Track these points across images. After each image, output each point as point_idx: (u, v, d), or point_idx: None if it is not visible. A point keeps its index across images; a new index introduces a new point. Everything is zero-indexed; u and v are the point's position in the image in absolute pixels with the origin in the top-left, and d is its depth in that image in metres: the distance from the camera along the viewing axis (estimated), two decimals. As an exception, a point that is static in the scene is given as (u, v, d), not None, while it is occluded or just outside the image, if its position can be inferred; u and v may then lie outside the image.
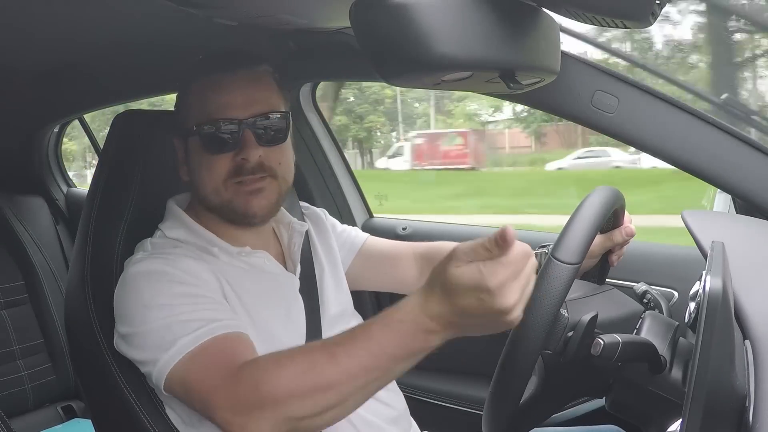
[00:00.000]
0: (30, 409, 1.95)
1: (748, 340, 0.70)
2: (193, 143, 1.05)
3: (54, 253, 2.20)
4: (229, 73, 1.03)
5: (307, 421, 0.82)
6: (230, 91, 1.03)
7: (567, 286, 0.79)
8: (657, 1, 0.77)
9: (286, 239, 1.17)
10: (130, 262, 1.03)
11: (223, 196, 1.04)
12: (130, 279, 1.00)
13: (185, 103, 1.08)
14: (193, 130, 1.03)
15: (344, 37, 1.23)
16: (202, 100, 1.04)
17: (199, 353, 0.90)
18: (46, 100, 1.89)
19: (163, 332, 0.93)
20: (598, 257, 1.11)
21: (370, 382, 0.80)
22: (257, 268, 1.09)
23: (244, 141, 1.02)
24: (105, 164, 1.17)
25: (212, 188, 1.04)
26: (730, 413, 0.63)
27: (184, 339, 0.91)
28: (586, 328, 0.83)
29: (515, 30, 0.83)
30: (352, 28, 0.80)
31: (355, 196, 1.89)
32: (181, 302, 0.95)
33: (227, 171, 1.03)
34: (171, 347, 0.91)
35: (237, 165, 1.03)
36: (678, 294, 1.32)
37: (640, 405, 0.87)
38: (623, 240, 1.10)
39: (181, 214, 1.10)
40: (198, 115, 1.03)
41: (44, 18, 1.14)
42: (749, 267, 0.81)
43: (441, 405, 1.61)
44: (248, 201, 1.04)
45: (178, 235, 1.07)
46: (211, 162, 1.03)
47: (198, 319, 0.93)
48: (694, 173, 1.08)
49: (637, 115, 1.09)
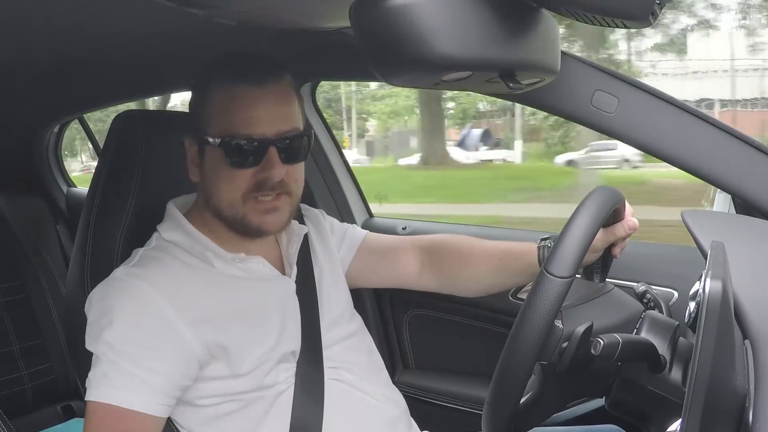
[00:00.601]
0: (30, 409, 1.95)
1: (748, 340, 0.70)
2: (213, 151, 1.03)
3: (54, 253, 2.19)
4: (258, 87, 1.01)
5: None
6: (257, 107, 1.01)
7: (560, 299, 0.79)
8: (657, 1, 0.77)
9: (285, 242, 1.17)
10: (123, 265, 1.04)
11: (238, 211, 1.03)
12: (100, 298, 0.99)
13: (205, 108, 1.04)
14: (215, 141, 1.01)
15: (344, 37, 1.22)
16: (228, 111, 1.01)
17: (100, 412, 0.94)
18: (46, 100, 1.89)
19: (103, 368, 0.95)
20: (600, 251, 1.11)
21: None
22: (252, 273, 1.09)
23: (268, 159, 1.01)
24: (105, 164, 1.17)
25: (229, 201, 1.03)
26: (730, 413, 0.63)
27: (98, 391, 0.94)
28: (581, 338, 0.83)
29: (515, 30, 0.83)
30: (352, 28, 0.80)
31: (355, 196, 1.89)
32: (129, 352, 0.95)
33: (247, 187, 1.02)
34: (93, 389, 0.95)
35: (258, 181, 1.02)
36: (678, 294, 1.32)
37: (640, 405, 0.87)
38: (626, 234, 1.09)
39: (179, 217, 1.09)
40: (222, 126, 1.01)
41: (43, 18, 1.14)
42: (749, 267, 0.81)
43: (441, 405, 1.61)
44: (263, 218, 1.04)
45: (175, 238, 1.07)
46: (232, 175, 1.02)
47: (126, 383, 0.94)
48: (694, 173, 1.08)
49: (637, 115, 1.09)
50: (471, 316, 1.58)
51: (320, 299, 1.16)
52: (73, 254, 1.17)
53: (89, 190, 1.18)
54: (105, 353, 0.95)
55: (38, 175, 2.41)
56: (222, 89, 1.02)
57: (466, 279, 1.27)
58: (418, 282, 1.30)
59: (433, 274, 1.29)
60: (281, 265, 1.15)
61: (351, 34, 0.87)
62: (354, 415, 1.09)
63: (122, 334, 0.95)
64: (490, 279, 1.25)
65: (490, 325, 1.56)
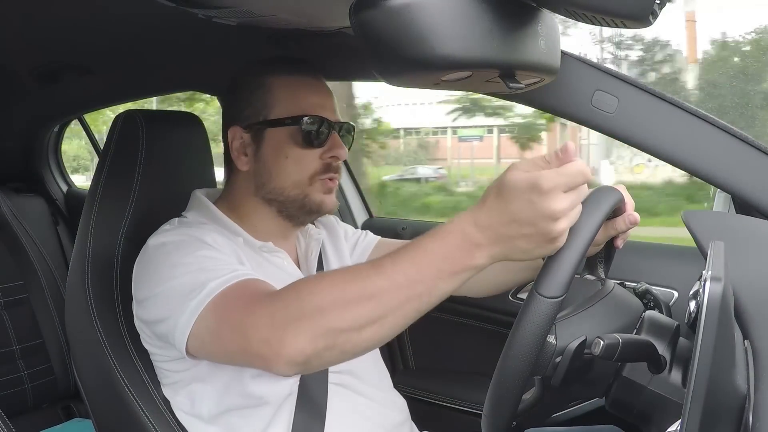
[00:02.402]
0: (30, 409, 1.95)
1: (748, 340, 0.70)
2: (276, 134, 1.08)
3: (54, 253, 2.20)
4: (315, 78, 1.13)
5: (345, 336, 0.78)
6: (321, 95, 1.12)
7: (550, 320, 0.78)
8: (657, 1, 0.77)
9: (303, 246, 1.18)
10: (157, 233, 1.04)
11: (303, 190, 1.08)
12: (158, 247, 1.00)
13: (265, 94, 1.09)
14: (284, 122, 1.07)
15: (344, 37, 1.22)
16: (296, 94, 1.09)
17: (231, 291, 0.89)
18: (46, 100, 1.89)
19: (191, 281, 0.92)
20: (602, 244, 1.10)
21: (412, 298, 0.75)
22: (276, 265, 1.10)
23: (335, 141, 1.09)
24: (105, 164, 1.17)
25: (295, 181, 1.08)
26: (730, 413, 0.63)
27: (213, 282, 0.90)
28: (574, 353, 0.82)
29: (515, 30, 0.83)
30: (352, 29, 0.80)
31: (355, 196, 1.89)
32: (207, 260, 0.95)
33: (314, 168, 1.08)
34: (201, 291, 0.89)
35: (325, 163, 1.09)
36: (678, 294, 1.32)
37: (640, 405, 0.87)
38: (627, 227, 1.08)
39: (208, 204, 1.11)
40: (291, 108, 1.08)
41: (44, 18, 1.14)
42: (749, 267, 0.81)
43: (441, 405, 1.61)
44: (324, 198, 1.10)
45: (204, 222, 1.08)
46: (300, 156, 1.08)
47: (225, 269, 0.93)
48: (694, 173, 1.08)
49: (637, 115, 1.09)
50: (471, 316, 1.58)
51: None
52: (73, 254, 1.17)
53: (89, 190, 1.18)
54: (184, 272, 0.93)
55: (38, 175, 2.41)
56: (281, 78, 1.10)
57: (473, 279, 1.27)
58: None
59: None
60: (298, 266, 1.16)
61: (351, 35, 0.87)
62: (358, 420, 1.09)
63: (193, 254, 0.96)
64: (497, 277, 1.24)
65: (490, 325, 1.56)
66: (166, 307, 0.93)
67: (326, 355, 0.79)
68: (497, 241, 0.73)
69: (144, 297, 0.98)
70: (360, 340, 0.78)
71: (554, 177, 0.70)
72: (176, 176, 1.16)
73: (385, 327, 0.77)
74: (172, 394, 1.06)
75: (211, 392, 1.02)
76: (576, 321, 0.86)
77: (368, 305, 0.76)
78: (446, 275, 0.75)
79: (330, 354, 0.79)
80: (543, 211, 0.69)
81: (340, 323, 0.77)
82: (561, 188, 0.70)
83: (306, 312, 0.79)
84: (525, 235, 0.72)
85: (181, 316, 0.90)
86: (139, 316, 1.01)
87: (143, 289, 0.99)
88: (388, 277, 0.76)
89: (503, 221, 0.72)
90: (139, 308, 1.00)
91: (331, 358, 0.81)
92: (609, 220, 1.07)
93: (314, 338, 0.78)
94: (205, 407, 1.02)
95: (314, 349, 0.78)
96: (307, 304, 0.79)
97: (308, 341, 0.78)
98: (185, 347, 0.91)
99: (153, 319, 0.97)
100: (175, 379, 1.05)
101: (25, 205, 2.23)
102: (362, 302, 0.76)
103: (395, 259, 0.77)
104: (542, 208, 0.69)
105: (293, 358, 0.78)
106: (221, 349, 0.90)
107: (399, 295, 0.75)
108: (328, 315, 0.77)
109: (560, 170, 0.71)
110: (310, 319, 0.78)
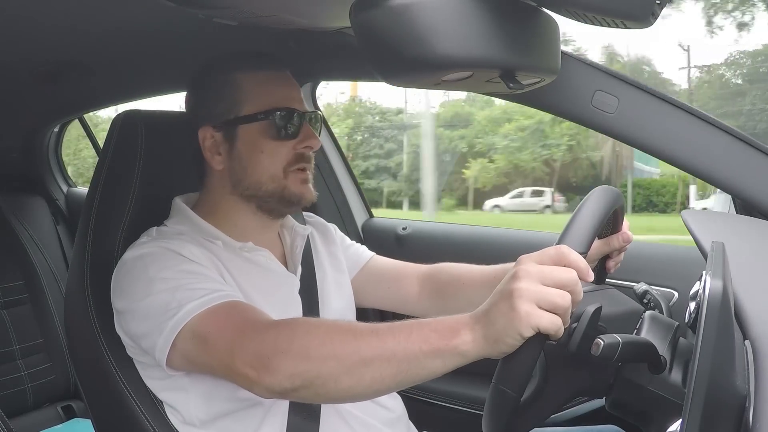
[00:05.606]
0: (30, 409, 1.95)
1: (748, 340, 0.70)
2: (249, 130, 1.08)
3: (54, 253, 2.20)
4: (282, 72, 1.13)
5: (321, 381, 0.82)
6: (290, 88, 1.12)
7: None
8: (657, 1, 0.77)
9: (289, 241, 1.18)
10: (134, 245, 1.04)
11: (279, 183, 1.08)
12: (135, 259, 1.00)
13: (233, 92, 1.09)
14: (256, 117, 1.07)
15: (344, 37, 1.22)
16: (265, 90, 1.09)
17: (212, 313, 0.91)
18: (46, 100, 1.89)
19: (168, 299, 0.93)
20: (594, 261, 1.11)
21: (397, 367, 0.79)
22: (259, 264, 1.10)
23: (307, 132, 1.10)
24: (105, 164, 1.17)
25: (271, 174, 1.08)
26: (730, 413, 0.63)
27: (192, 303, 0.92)
28: (591, 318, 0.84)
29: (515, 30, 0.83)
30: (352, 28, 0.80)
31: (355, 196, 1.89)
32: (186, 276, 0.96)
33: (288, 159, 1.09)
34: (178, 311, 0.92)
35: (298, 153, 1.09)
36: (678, 294, 1.32)
37: (640, 405, 0.87)
38: (620, 246, 1.10)
39: (186, 210, 1.11)
40: (261, 103, 1.08)
41: (44, 18, 1.14)
42: (749, 267, 0.80)
43: (441, 405, 1.61)
44: (303, 189, 1.10)
45: (183, 230, 1.09)
46: (273, 148, 1.08)
47: (204, 288, 0.94)
48: (694, 173, 1.08)
49: (637, 115, 1.09)
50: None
51: (321, 300, 1.16)
52: (73, 254, 1.17)
53: (89, 190, 1.18)
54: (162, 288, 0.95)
55: (38, 175, 2.41)
56: (249, 74, 1.09)
57: (464, 302, 1.27)
58: (416, 307, 1.30)
59: (432, 300, 1.28)
60: (284, 262, 1.16)
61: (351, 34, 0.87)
62: (351, 417, 1.09)
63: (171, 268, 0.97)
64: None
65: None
66: (144, 323, 0.96)
67: (303, 393, 0.84)
68: (477, 324, 0.77)
69: (123, 309, 1.00)
70: (334, 390, 0.82)
71: (533, 269, 0.74)
72: (176, 176, 1.16)
73: (362, 386, 0.81)
74: (163, 398, 1.06)
75: (196, 400, 1.02)
76: (588, 296, 0.87)
77: (350, 361, 0.80)
78: (432, 350, 0.77)
79: (306, 393, 0.84)
80: (509, 285, 0.74)
81: (320, 370, 0.81)
82: (537, 279, 0.73)
83: (293, 349, 0.83)
84: (500, 319, 0.74)
85: (160, 337, 0.93)
86: (119, 326, 1.02)
87: (122, 301, 1.00)
88: (381, 341, 0.80)
89: (486, 305, 0.77)
90: (120, 319, 1.02)
91: (308, 396, 0.86)
92: (604, 237, 1.08)
93: (292, 375, 0.82)
94: (194, 414, 1.03)
95: (292, 385, 0.83)
96: (296, 343, 0.83)
97: (287, 377, 0.82)
98: (164, 363, 0.95)
99: (134, 333, 0.99)
100: (161, 386, 1.05)
101: (26, 205, 2.23)
102: (346, 358, 0.80)
103: (392, 325, 0.81)
104: (511, 290, 0.73)
105: (272, 386, 0.84)
106: (206, 363, 0.93)
107: (387, 363, 0.79)
108: (312, 360, 0.82)
109: (543, 267, 0.74)
110: (295, 357, 0.82)
